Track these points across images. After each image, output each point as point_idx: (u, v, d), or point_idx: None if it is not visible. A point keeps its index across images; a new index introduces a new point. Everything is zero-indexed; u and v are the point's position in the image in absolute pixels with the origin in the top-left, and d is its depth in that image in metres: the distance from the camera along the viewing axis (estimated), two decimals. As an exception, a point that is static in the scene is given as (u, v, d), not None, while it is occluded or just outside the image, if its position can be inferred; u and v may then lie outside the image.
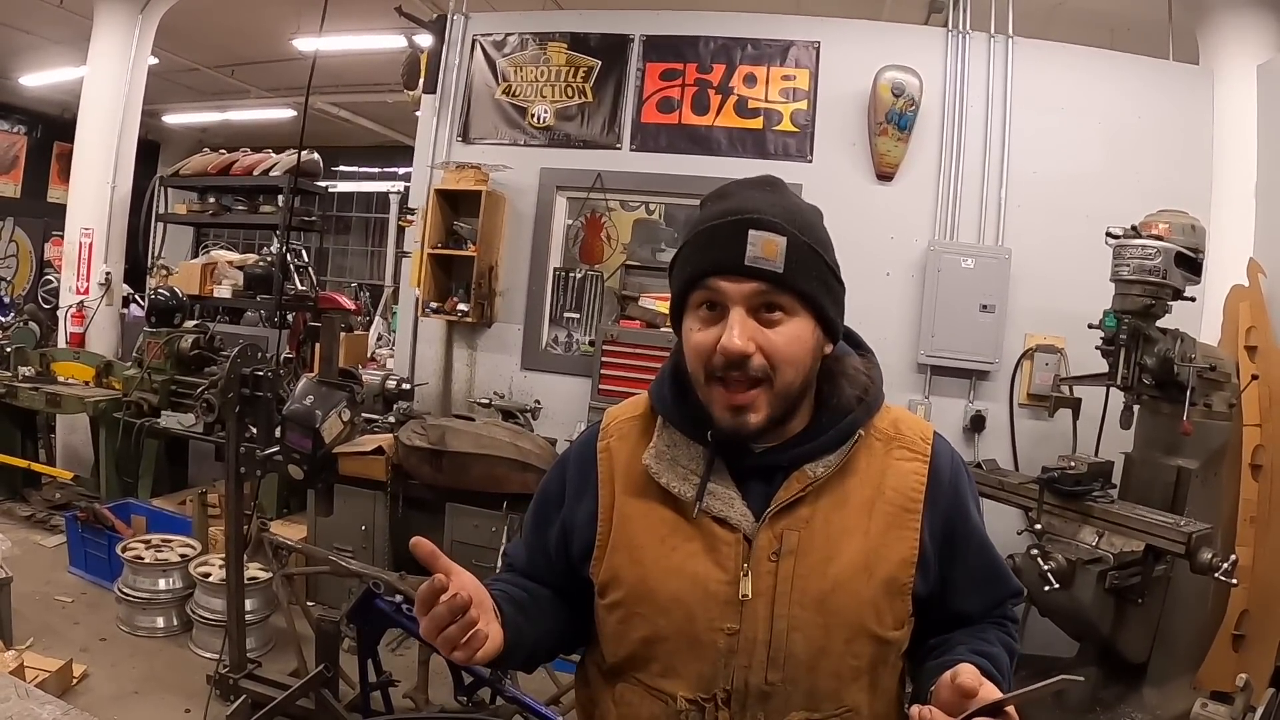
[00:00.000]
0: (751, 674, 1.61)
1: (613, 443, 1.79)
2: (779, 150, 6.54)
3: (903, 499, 1.67)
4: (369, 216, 15.81)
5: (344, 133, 13.71)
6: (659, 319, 6.39)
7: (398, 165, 14.22)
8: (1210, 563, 4.00)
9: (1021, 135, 6.44)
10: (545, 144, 6.87)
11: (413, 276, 6.84)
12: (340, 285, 14.47)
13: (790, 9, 7.23)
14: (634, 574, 1.68)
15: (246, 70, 12.18)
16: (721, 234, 1.57)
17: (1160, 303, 4.65)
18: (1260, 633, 5.23)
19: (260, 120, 13.52)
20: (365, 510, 5.89)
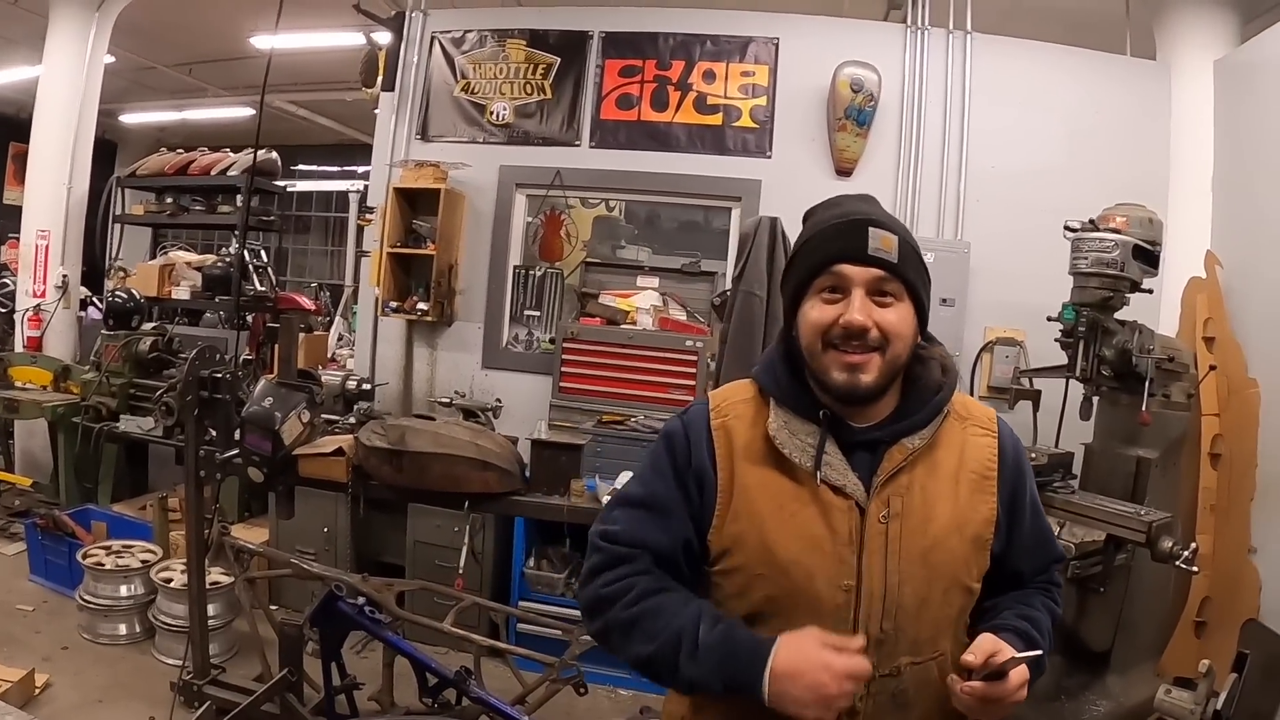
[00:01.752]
0: (870, 624, 1.83)
1: (729, 421, 1.97)
2: (738, 146, 6.66)
3: (981, 468, 1.96)
4: (329, 216, 15.81)
5: (303, 131, 13.70)
6: (619, 315, 6.49)
7: (357, 164, 14.21)
8: (1171, 551, 4.08)
9: (980, 130, 6.58)
10: (504, 141, 6.94)
11: (372, 276, 6.90)
12: (300, 285, 14.40)
13: (750, 5, 7.33)
14: (756, 538, 1.87)
15: (204, 68, 12.15)
16: (846, 230, 1.85)
17: (1118, 295, 4.72)
18: (1222, 619, 5.39)
19: (219, 119, 13.48)
20: (327, 512, 5.95)
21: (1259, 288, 5.64)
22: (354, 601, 3.93)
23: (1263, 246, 5.65)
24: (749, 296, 3.83)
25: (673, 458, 1.98)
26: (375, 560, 5.83)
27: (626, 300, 6.60)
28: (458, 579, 5.20)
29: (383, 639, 3.99)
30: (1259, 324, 5.60)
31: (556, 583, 5.67)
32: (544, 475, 4.68)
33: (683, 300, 6.84)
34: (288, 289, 11.98)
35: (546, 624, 4.68)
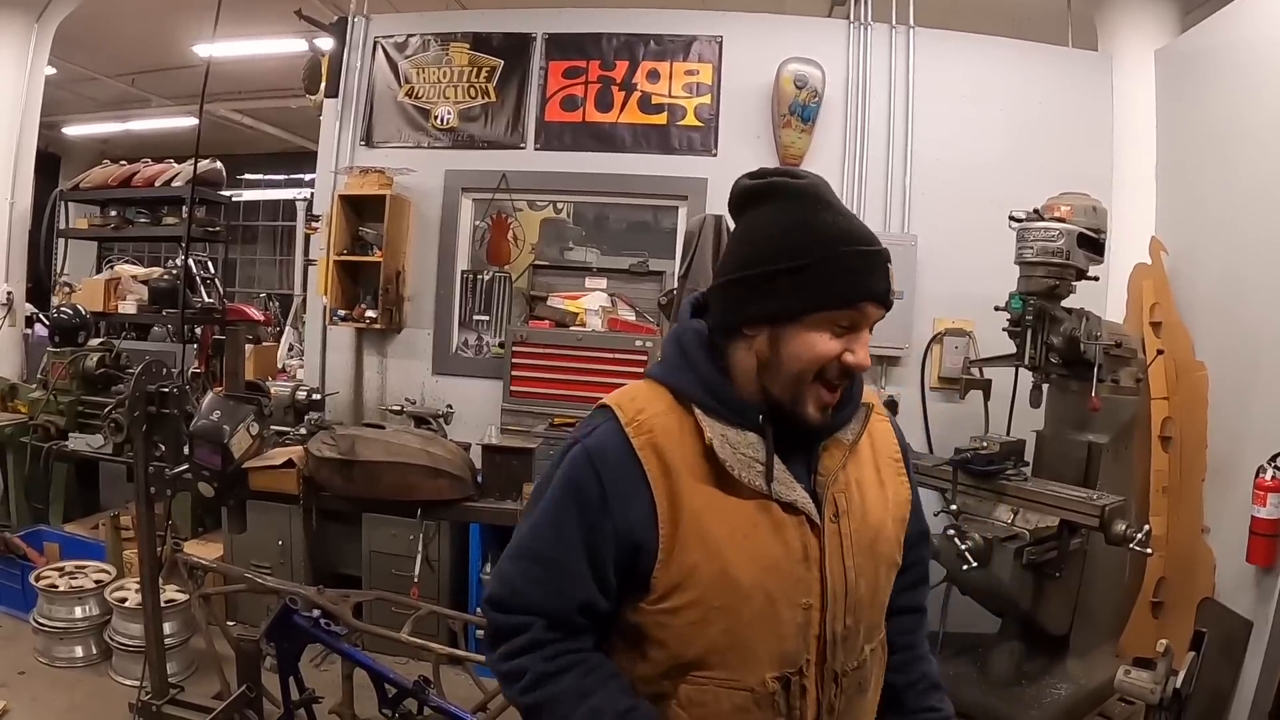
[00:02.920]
0: (835, 624, 1.81)
1: (656, 438, 1.78)
2: (683, 145, 6.72)
3: (891, 451, 2.04)
4: (276, 225, 15.77)
5: (248, 140, 13.69)
6: (568, 318, 6.55)
7: (304, 171, 14.18)
8: (1124, 534, 4.21)
9: (925, 124, 6.68)
10: (449, 145, 6.97)
11: (319, 284, 6.90)
12: (249, 296, 14.42)
13: (693, 4, 7.37)
14: (714, 567, 1.74)
15: (147, 78, 12.13)
16: (871, 263, 1.77)
17: (1064, 283, 4.85)
18: (1178, 599, 5.52)
19: (163, 130, 13.42)
20: (281, 525, 5.96)
21: (1204, 272, 5.78)
22: (310, 615, 3.96)
23: (1206, 231, 5.79)
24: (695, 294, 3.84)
25: (579, 505, 1.78)
26: (332, 571, 5.85)
27: (575, 302, 6.66)
28: (413, 588, 5.23)
29: (339, 651, 4.02)
30: (1205, 308, 5.73)
31: (514, 588, 5.68)
32: (496, 480, 4.72)
33: (631, 300, 6.90)
34: (236, 300, 11.96)
35: None
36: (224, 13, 7.78)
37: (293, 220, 14.00)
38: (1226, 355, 5.46)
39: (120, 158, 9.89)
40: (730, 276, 1.84)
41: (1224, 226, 5.59)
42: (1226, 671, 4.87)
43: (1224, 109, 5.68)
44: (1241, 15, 5.52)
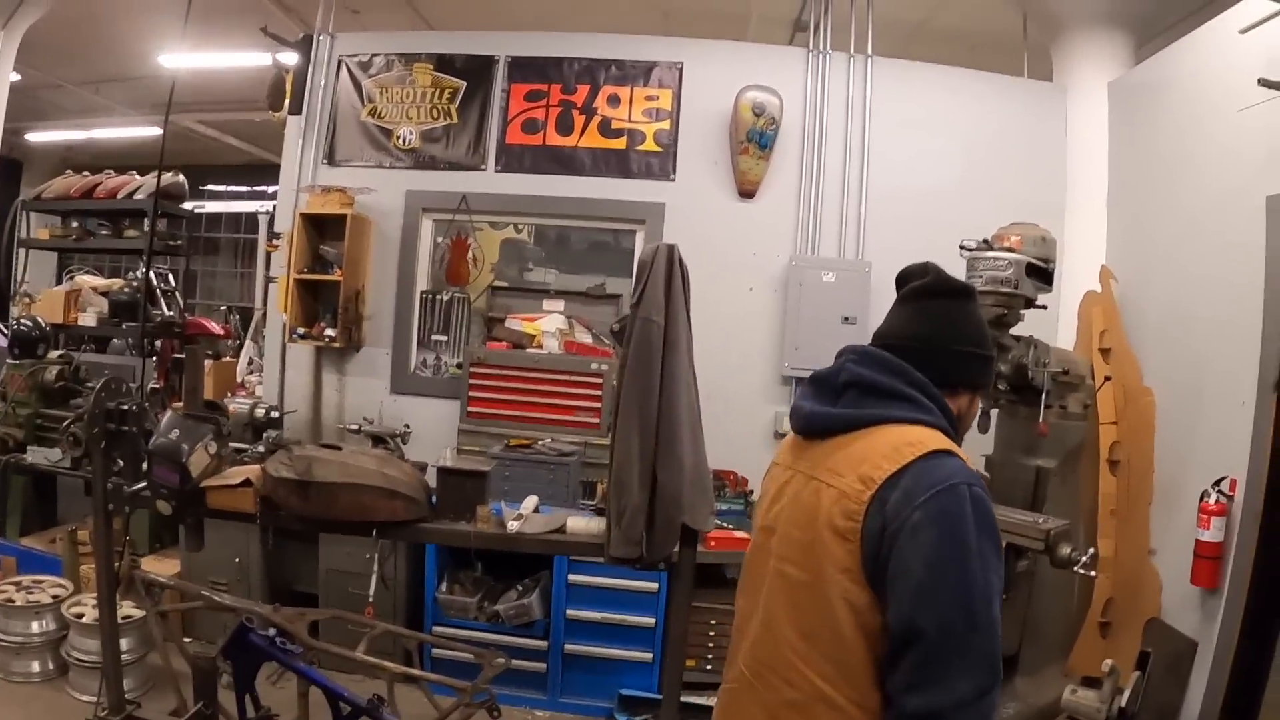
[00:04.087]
0: None
1: None
2: (642, 170, 6.91)
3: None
4: (238, 237, 15.80)
5: (212, 151, 13.76)
6: (525, 339, 6.72)
7: (266, 184, 14.22)
8: (1069, 557, 4.31)
9: (881, 152, 6.89)
10: (411, 166, 7.11)
11: (279, 302, 7.01)
12: (210, 308, 14.38)
13: (655, 30, 7.55)
14: None
15: (112, 87, 12.19)
16: None
17: (1013, 311, 5.00)
18: (1125, 619, 5.68)
19: (126, 139, 13.49)
20: (238, 543, 6.09)
21: (1152, 300, 5.97)
22: (265, 633, 4.08)
23: (1154, 261, 5.98)
24: (647, 323, 3.95)
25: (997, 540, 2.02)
26: (289, 589, 6.00)
27: (533, 324, 6.81)
28: (368, 607, 5.35)
29: (294, 669, 4.15)
30: (1152, 335, 5.92)
31: (469, 607, 5.86)
32: (450, 501, 4.81)
33: (588, 323, 7.06)
34: (197, 312, 12.00)
35: (460, 649, 4.80)
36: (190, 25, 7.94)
37: (254, 233, 14.02)
38: (1173, 382, 5.65)
39: (83, 165, 9.94)
40: (964, 349, 2.27)
41: (1171, 256, 5.79)
42: (1173, 690, 5.06)
43: (1172, 141, 5.87)
44: (1189, 50, 5.74)
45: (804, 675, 2.03)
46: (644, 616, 5.91)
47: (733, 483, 6.42)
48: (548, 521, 4.69)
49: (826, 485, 2.07)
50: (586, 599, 5.90)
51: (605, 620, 5.90)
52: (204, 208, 14.63)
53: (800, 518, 2.12)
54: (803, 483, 2.17)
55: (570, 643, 5.94)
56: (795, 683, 2.05)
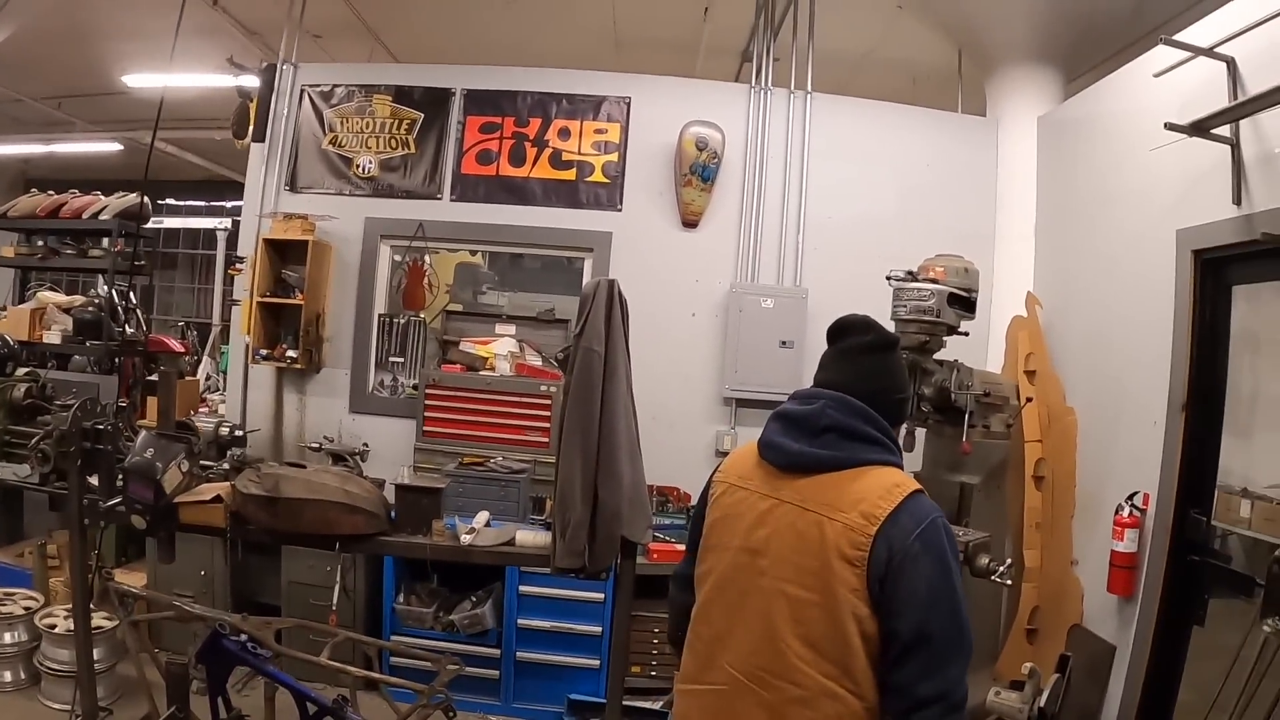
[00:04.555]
0: None
1: None
2: (591, 200, 7.23)
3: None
4: (196, 253, 15.94)
5: (171, 167, 13.80)
6: (478, 362, 7.00)
7: (225, 200, 14.37)
8: (988, 567, 4.64)
9: (819, 184, 7.26)
10: (370, 194, 7.38)
11: (243, 324, 7.24)
12: (166, 323, 14.60)
13: (610, 59, 7.90)
14: None
15: (74, 103, 12.34)
16: None
17: (935, 338, 5.29)
18: (1050, 626, 6.06)
19: (86, 154, 13.61)
20: (203, 556, 6.34)
21: (1075, 325, 6.37)
22: (238, 639, 4.34)
23: (1077, 288, 6.38)
24: (589, 352, 4.21)
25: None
26: (252, 601, 6.21)
27: (485, 347, 7.08)
28: (332, 615, 5.64)
29: (265, 673, 4.40)
30: (1075, 358, 6.33)
31: (425, 617, 6.19)
32: (408, 516, 5.10)
33: (538, 346, 7.34)
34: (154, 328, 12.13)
35: (417, 655, 5.06)
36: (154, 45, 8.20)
37: (213, 249, 14.17)
38: (1093, 402, 6.05)
39: (42, 178, 10.09)
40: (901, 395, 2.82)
41: (1092, 285, 6.18)
42: (1093, 692, 5.44)
43: (1093, 176, 6.27)
44: (1110, 91, 6.14)
45: (810, 676, 2.43)
46: (591, 625, 6.20)
47: (676, 498, 6.72)
48: (498, 535, 5.03)
49: (829, 519, 2.45)
50: (537, 609, 6.19)
51: (555, 629, 6.19)
52: (162, 223, 14.61)
53: (804, 546, 2.48)
54: (796, 514, 2.52)
55: (522, 650, 6.22)
56: (801, 683, 2.44)
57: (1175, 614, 5.03)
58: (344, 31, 9.17)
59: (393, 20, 9.29)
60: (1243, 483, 4.67)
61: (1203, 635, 4.90)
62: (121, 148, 13.12)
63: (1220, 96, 4.60)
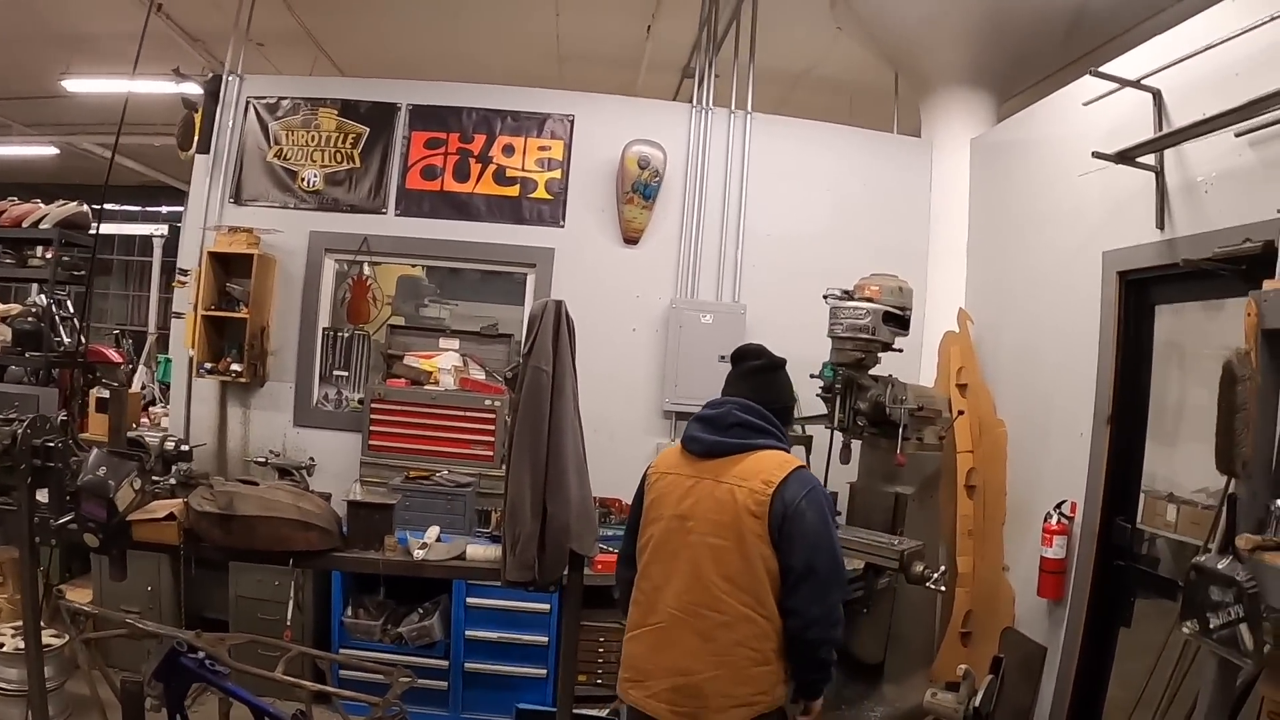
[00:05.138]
0: None
1: None
2: (533, 217, 7.38)
3: None
4: (130, 259, 15.82)
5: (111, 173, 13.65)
6: (422, 376, 7.09)
7: (160, 205, 14.26)
8: (922, 574, 4.89)
9: (758, 202, 7.49)
10: (314, 207, 7.43)
11: (186, 338, 7.26)
12: (100, 331, 14.17)
13: (554, 74, 8.05)
14: None
15: (10, 105, 12.24)
16: None
17: (870, 355, 5.53)
18: (984, 629, 6.30)
19: (21, 157, 13.55)
20: (150, 572, 6.40)
21: (1005, 340, 6.61)
22: (195, 656, 4.42)
23: (1007, 305, 6.63)
24: (537, 371, 4.35)
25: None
26: (199, 616, 6.22)
27: (429, 361, 7.17)
28: (286, 630, 5.75)
29: (224, 689, 4.47)
30: (1005, 372, 6.57)
31: (374, 630, 6.29)
32: (360, 532, 5.23)
33: (482, 360, 7.44)
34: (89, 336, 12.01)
35: (369, 667, 5.07)
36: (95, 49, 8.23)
37: (148, 255, 13.98)
38: (1022, 415, 6.30)
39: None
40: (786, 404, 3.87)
41: (1022, 302, 6.42)
42: (1026, 692, 5.66)
43: (1024, 198, 6.51)
44: (1040, 116, 6.39)
45: (730, 605, 3.37)
46: (538, 635, 6.35)
47: (618, 509, 6.85)
48: (449, 549, 5.21)
49: (738, 487, 3.41)
50: (484, 620, 6.31)
51: (502, 640, 6.32)
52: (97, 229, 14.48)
53: (721, 508, 3.42)
54: (713, 486, 3.47)
55: (470, 661, 6.34)
56: (724, 610, 3.37)
57: (1103, 616, 5.28)
58: (287, 41, 9.24)
59: (337, 31, 9.39)
60: (1167, 489, 4.93)
61: (1130, 636, 5.14)
62: (58, 152, 13.05)
63: (1146, 125, 4.85)
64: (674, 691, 3.42)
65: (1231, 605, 2.75)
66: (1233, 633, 2.75)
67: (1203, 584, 2.88)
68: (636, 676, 3.57)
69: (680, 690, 3.41)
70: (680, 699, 3.40)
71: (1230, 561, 2.81)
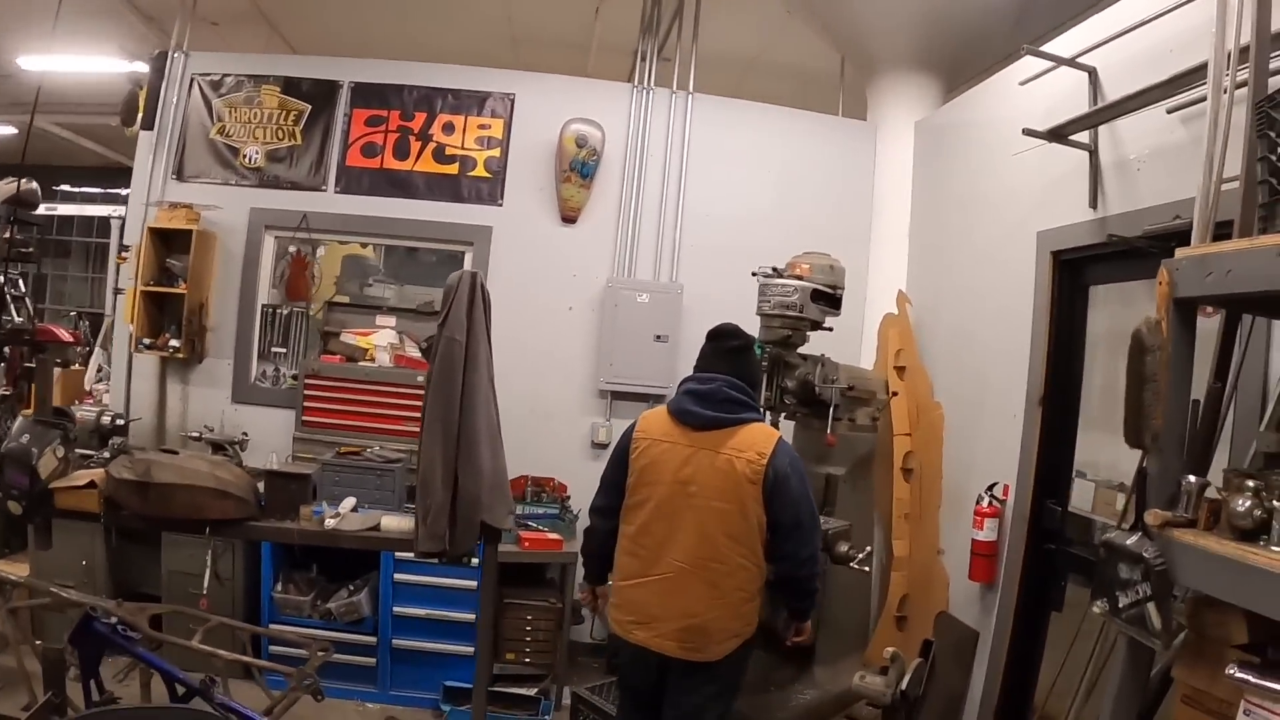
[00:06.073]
0: None
1: None
2: (472, 195, 7.46)
3: None
4: (90, 241, 15.71)
5: (66, 152, 13.81)
6: (358, 353, 7.19)
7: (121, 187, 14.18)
8: (846, 554, 4.97)
9: (699, 182, 7.57)
10: (256, 184, 7.49)
11: (126, 313, 7.34)
12: (59, 313, 14.43)
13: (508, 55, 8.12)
14: None
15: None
16: None
17: (798, 333, 5.57)
18: (919, 612, 6.38)
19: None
20: (85, 545, 6.46)
21: (943, 322, 6.68)
22: (108, 622, 4.53)
23: (945, 288, 6.71)
24: (451, 342, 4.41)
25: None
26: (135, 591, 6.29)
27: (366, 339, 7.28)
28: (202, 599, 5.85)
29: (135, 655, 4.50)
30: (942, 354, 6.65)
31: (303, 605, 6.34)
32: (277, 502, 5.33)
33: (418, 338, 7.52)
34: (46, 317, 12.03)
35: (289, 639, 5.27)
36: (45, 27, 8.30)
37: (107, 237, 13.96)
38: (959, 397, 6.37)
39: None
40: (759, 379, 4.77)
41: (960, 283, 6.49)
42: (959, 676, 5.73)
43: (963, 179, 6.58)
44: (980, 97, 6.47)
45: (731, 557, 4.01)
46: (465, 613, 6.40)
47: (552, 489, 6.97)
48: (364, 520, 5.30)
49: (736, 457, 3.98)
50: (412, 597, 6.40)
51: (429, 616, 6.40)
52: (56, 210, 14.59)
53: (721, 475, 3.99)
54: (712, 456, 4.02)
55: (398, 638, 6.42)
56: (726, 561, 4.01)
57: (1034, 600, 5.34)
58: (242, 20, 9.30)
59: (291, 11, 9.46)
60: (1099, 473, 5.00)
61: (1062, 619, 5.20)
62: (15, 131, 13.07)
63: (1083, 105, 4.90)
64: (683, 630, 4.02)
65: (1139, 583, 2.74)
66: (1141, 612, 2.73)
67: (1112, 561, 2.88)
68: (644, 619, 4.11)
69: (688, 629, 4.02)
70: (688, 636, 4.02)
71: (1139, 538, 2.79)
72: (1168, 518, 2.70)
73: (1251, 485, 2.56)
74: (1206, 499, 2.67)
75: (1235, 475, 2.65)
